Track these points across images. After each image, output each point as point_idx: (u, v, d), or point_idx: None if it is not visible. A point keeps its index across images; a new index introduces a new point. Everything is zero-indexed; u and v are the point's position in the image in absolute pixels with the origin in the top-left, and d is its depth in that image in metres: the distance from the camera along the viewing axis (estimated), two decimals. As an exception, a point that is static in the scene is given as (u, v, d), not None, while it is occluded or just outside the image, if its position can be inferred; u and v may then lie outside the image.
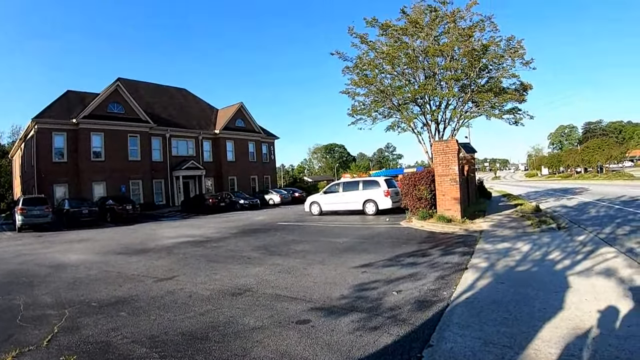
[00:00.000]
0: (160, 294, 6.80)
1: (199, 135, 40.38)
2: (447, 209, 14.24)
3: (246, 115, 44.95)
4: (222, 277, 7.93)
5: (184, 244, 13.29)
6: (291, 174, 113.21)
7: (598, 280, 5.97)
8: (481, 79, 18.43)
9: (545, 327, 4.33)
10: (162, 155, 37.21)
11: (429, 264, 8.03)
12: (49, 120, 29.96)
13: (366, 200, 19.86)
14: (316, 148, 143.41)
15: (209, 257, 10.33)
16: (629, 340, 3.82)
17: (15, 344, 4.62)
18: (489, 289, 5.99)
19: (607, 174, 56.34)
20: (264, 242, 12.59)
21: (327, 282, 6.98)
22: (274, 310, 5.56)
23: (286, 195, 37.73)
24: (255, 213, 27.29)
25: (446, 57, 17.38)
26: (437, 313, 5.06)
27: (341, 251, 10.18)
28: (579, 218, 13.35)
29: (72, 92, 33.92)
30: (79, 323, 5.38)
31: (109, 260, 10.60)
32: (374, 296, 5.97)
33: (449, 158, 14.28)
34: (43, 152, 29.76)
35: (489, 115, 19.01)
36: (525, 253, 8.45)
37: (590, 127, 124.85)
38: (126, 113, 33.81)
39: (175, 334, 4.85)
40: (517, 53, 17.17)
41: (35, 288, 7.61)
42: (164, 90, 43.86)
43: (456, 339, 4.20)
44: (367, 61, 18.52)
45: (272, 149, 49.86)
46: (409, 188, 16.13)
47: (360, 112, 19.94)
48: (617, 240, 8.96)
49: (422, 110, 18.84)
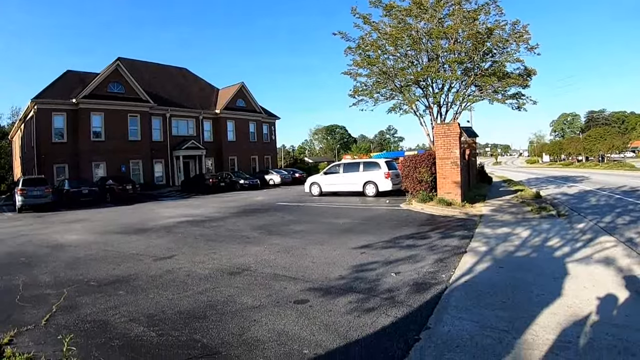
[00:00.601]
0: (159, 273, 6.81)
1: (199, 115, 40.15)
2: (448, 192, 14.21)
3: (247, 95, 44.64)
4: (221, 256, 7.93)
5: (183, 223, 13.29)
6: (292, 155, 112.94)
7: (597, 268, 5.96)
8: (485, 63, 18.24)
9: (543, 313, 4.32)
10: (162, 135, 37.04)
11: (428, 246, 8.03)
12: (48, 100, 29.74)
13: (366, 182, 19.82)
14: (317, 129, 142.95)
15: (208, 237, 10.34)
16: (626, 330, 3.81)
17: (14, 324, 4.62)
18: (488, 273, 5.98)
19: (608, 164, 56.18)
20: (264, 222, 12.60)
21: (326, 263, 6.98)
22: (272, 290, 5.57)
23: (286, 175, 37.66)
24: (255, 193, 27.28)
25: (450, 39, 17.16)
26: (435, 296, 5.06)
27: (340, 232, 10.18)
28: (579, 206, 13.32)
29: (72, 72, 33.63)
30: (78, 302, 5.39)
31: (108, 240, 10.61)
32: (373, 277, 5.97)
33: (450, 141, 14.19)
34: (43, 133, 29.65)
35: (491, 100, 18.84)
36: (525, 239, 8.44)
37: (593, 116, 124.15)
38: (126, 93, 33.53)
39: (173, 312, 4.85)
40: (522, 38, 16.94)
41: (34, 268, 7.61)
42: (165, 70, 43.44)
43: (454, 322, 4.20)
44: (370, 42, 18.28)
45: (273, 129, 49.63)
46: (409, 170, 16.08)
47: (362, 93, 19.76)
48: (617, 229, 8.92)
49: (424, 93, 18.68)
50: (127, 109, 33.45)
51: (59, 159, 30.20)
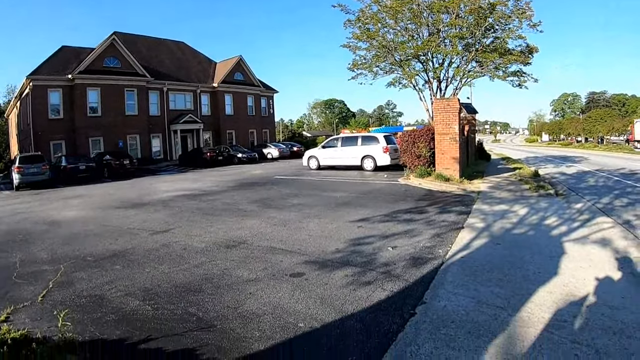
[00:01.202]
0: (155, 246, 6.81)
1: (197, 89, 39.67)
2: (446, 167, 14.16)
3: (245, 68, 44.08)
4: (217, 229, 7.93)
5: (181, 197, 13.26)
6: (290, 129, 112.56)
7: (594, 249, 5.94)
8: (486, 39, 17.95)
9: (539, 291, 4.32)
10: (159, 110, 36.62)
11: (425, 221, 8.02)
12: (44, 77, 29.22)
13: (364, 156, 19.74)
14: (316, 103, 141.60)
15: (205, 210, 10.33)
16: (622, 312, 3.79)
17: (10, 301, 4.61)
18: (485, 250, 5.98)
19: (607, 146, 55.96)
20: (261, 196, 12.58)
21: (323, 236, 6.98)
22: (268, 263, 5.57)
23: (284, 149, 37.47)
24: (253, 167, 27.19)
25: (451, 14, 16.84)
26: (432, 271, 5.06)
27: (338, 205, 10.18)
28: (577, 186, 13.28)
29: (67, 47, 32.91)
30: (74, 278, 5.39)
31: (105, 215, 10.58)
32: (369, 251, 5.97)
33: (449, 116, 14.07)
34: (39, 110, 29.21)
35: (492, 76, 18.61)
36: (522, 216, 8.42)
37: (594, 97, 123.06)
38: (123, 67, 32.98)
39: (169, 286, 4.85)
40: (525, 14, 16.64)
41: (31, 245, 7.58)
42: (162, 44, 42.70)
43: (450, 297, 4.20)
44: (369, 15, 17.96)
45: (271, 103, 49.20)
46: (408, 145, 16.00)
47: (361, 67, 19.50)
48: (614, 211, 8.87)
49: (424, 67, 18.44)
50: (123, 84, 32.97)
51: (56, 136, 29.87)
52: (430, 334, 3.46)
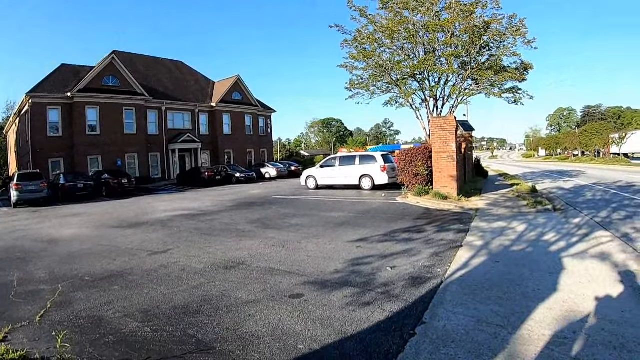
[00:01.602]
0: (154, 267, 6.79)
1: (195, 108, 39.90)
2: (444, 186, 14.20)
3: (243, 88, 44.40)
4: (216, 250, 7.91)
5: (179, 217, 13.25)
6: (288, 148, 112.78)
7: (593, 263, 5.95)
8: (482, 57, 18.22)
9: (539, 308, 4.32)
10: (158, 129, 36.77)
11: (424, 240, 8.02)
12: (43, 94, 29.37)
13: (362, 175, 19.78)
14: (313, 122, 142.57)
15: (204, 231, 10.31)
16: (622, 326, 3.80)
17: (8, 320, 4.59)
18: (484, 268, 5.98)
19: (604, 159, 56.30)
20: (259, 216, 12.56)
21: (321, 257, 6.97)
22: (267, 284, 5.55)
23: (282, 169, 37.49)
24: (251, 186, 27.19)
25: (447, 33, 17.12)
26: (431, 290, 5.05)
27: (336, 225, 10.17)
28: (575, 201, 13.33)
29: (67, 65, 33.18)
30: (72, 298, 5.36)
31: (103, 235, 10.57)
32: (368, 271, 5.96)
33: (446, 135, 14.17)
34: (38, 127, 29.29)
35: (488, 94, 18.85)
36: (521, 233, 8.44)
37: (589, 110, 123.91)
38: (122, 86, 33.22)
39: (168, 307, 4.83)
40: (519, 32, 16.94)
41: (29, 263, 7.57)
42: (160, 63, 43.10)
43: (450, 316, 4.20)
44: (366, 35, 18.23)
45: (269, 122, 49.42)
46: (405, 164, 16.05)
47: (358, 86, 19.74)
48: (613, 224, 8.92)
49: (420, 86, 18.68)
50: (122, 103, 33.16)
51: (55, 153, 29.91)
52: (430, 354, 3.45)
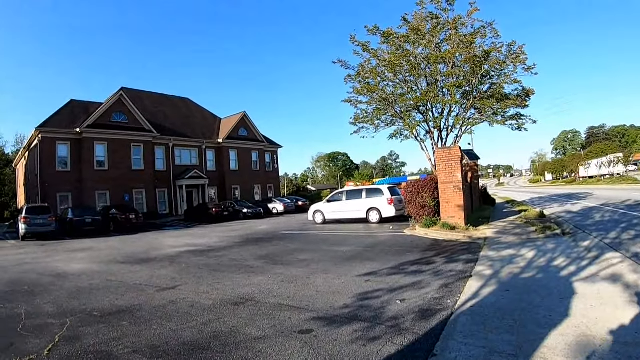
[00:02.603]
0: (163, 303, 6.76)
1: (202, 145, 40.48)
2: (451, 216, 14.18)
3: (249, 124, 45.05)
4: (225, 286, 7.88)
5: (187, 253, 13.26)
6: (294, 183, 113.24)
7: (604, 286, 5.90)
8: (483, 85, 18.41)
9: (551, 335, 4.27)
10: (165, 165, 37.29)
11: (433, 272, 7.97)
12: (52, 129, 30.06)
13: (370, 209, 19.80)
14: (319, 157, 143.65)
15: (212, 267, 10.29)
16: (636, 348, 3.75)
17: (15, 353, 4.59)
18: (494, 297, 5.92)
19: (611, 179, 56.08)
20: (267, 251, 12.55)
21: (330, 292, 6.92)
22: (276, 320, 5.51)
23: (289, 204, 37.64)
24: (258, 222, 27.23)
25: (448, 64, 17.37)
26: (441, 322, 5.00)
27: (344, 260, 10.12)
28: (584, 223, 13.25)
29: (76, 101, 34.05)
30: (80, 332, 5.34)
31: (111, 270, 10.57)
32: (378, 305, 5.91)
33: (452, 165, 14.24)
34: (47, 161, 29.85)
35: (491, 122, 18.97)
36: (530, 260, 8.37)
37: (593, 131, 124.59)
38: (130, 122, 33.94)
39: (177, 344, 4.80)
40: (519, 59, 17.17)
41: (37, 297, 7.58)
42: (167, 100, 44.05)
43: (460, 348, 4.15)
44: (369, 69, 18.53)
45: (275, 157, 49.90)
46: (412, 196, 16.08)
47: (363, 121, 19.92)
48: (623, 245, 8.87)
49: (424, 118, 18.82)
50: (130, 139, 33.81)
51: (63, 188, 30.33)
52: (442, 388, 3.41)
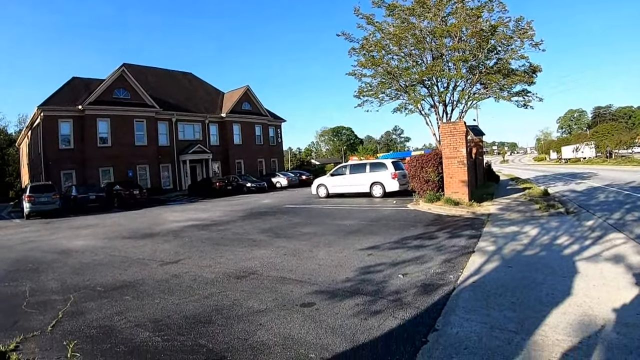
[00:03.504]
0: (165, 277, 6.81)
1: (205, 119, 40.28)
2: (455, 191, 14.11)
3: (252, 98, 44.73)
4: (228, 260, 7.92)
5: (190, 227, 13.31)
6: (298, 157, 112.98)
7: (607, 266, 5.86)
8: (489, 61, 18.09)
9: (553, 313, 4.25)
10: (168, 140, 37.21)
11: (436, 247, 7.96)
12: (54, 107, 29.98)
13: (373, 183, 19.76)
14: (323, 131, 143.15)
15: (215, 241, 10.33)
16: (638, 329, 3.73)
17: (20, 330, 4.63)
18: (496, 273, 5.91)
19: (616, 159, 55.70)
20: (270, 225, 12.57)
21: (333, 265, 6.94)
22: (278, 293, 5.53)
23: (293, 178, 37.56)
24: (262, 196, 27.26)
25: (454, 38, 17.04)
26: (443, 297, 5.00)
27: (347, 234, 10.13)
28: (588, 203, 13.16)
29: (78, 78, 33.86)
30: (84, 308, 5.39)
31: (115, 245, 10.64)
32: (380, 279, 5.91)
33: (456, 140, 14.10)
34: (49, 140, 29.87)
35: (497, 97, 18.70)
36: (533, 237, 8.34)
37: (599, 111, 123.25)
38: (132, 98, 33.76)
39: (179, 317, 4.83)
40: (526, 34, 16.82)
41: (41, 274, 7.65)
42: (170, 75, 43.70)
43: (462, 323, 4.14)
44: (373, 42, 18.21)
45: (279, 132, 49.71)
46: (416, 170, 15.99)
47: (367, 94, 19.67)
48: (626, 226, 8.79)
49: (429, 92, 18.58)
50: (133, 115, 33.69)
51: (66, 165, 30.45)
52: (443, 362, 3.41)
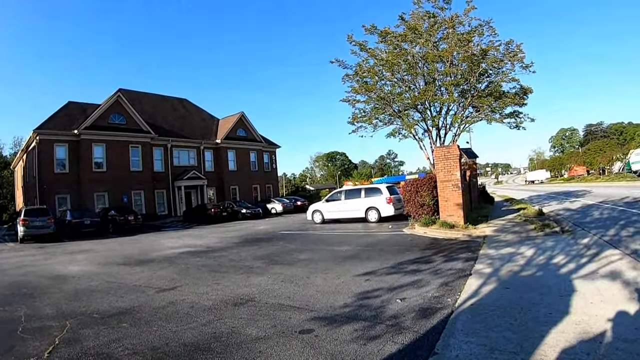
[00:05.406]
0: (162, 304, 6.75)
1: (200, 145, 40.40)
2: (450, 214, 14.17)
3: (247, 124, 44.99)
4: (225, 287, 7.87)
5: (186, 254, 13.24)
6: (293, 183, 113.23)
7: (603, 283, 5.91)
8: (481, 84, 18.42)
9: (551, 332, 4.27)
10: (163, 166, 37.20)
11: (433, 270, 7.96)
12: (50, 131, 29.98)
13: (368, 208, 19.80)
14: (318, 156, 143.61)
15: (211, 267, 10.28)
16: (637, 343, 3.76)
17: (16, 356, 4.59)
18: (494, 295, 5.92)
19: (609, 176, 56.18)
20: (267, 252, 12.53)
21: (330, 291, 6.92)
22: (276, 320, 5.51)
23: (288, 204, 37.65)
24: (257, 222, 27.20)
25: (446, 62, 17.37)
26: (442, 320, 5.00)
27: (344, 259, 10.11)
28: (583, 220, 13.26)
29: (74, 103, 34.01)
30: (80, 334, 5.33)
31: (110, 271, 10.55)
32: (378, 304, 5.91)
33: (450, 164, 14.23)
34: (45, 163, 29.76)
35: (489, 120, 18.99)
36: (530, 257, 8.38)
37: (591, 129, 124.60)
38: (127, 124, 33.83)
39: (177, 345, 4.79)
40: (517, 57, 17.18)
41: (36, 299, 7.58)
42: (165, 101, 43.96)
43: (461, 346, 4.15)
44: (367, 68, 18.52)
45: (273, 158, 49.85)
46: (411, 195, 16.06)
47: (361, 120, 19.91)
48: (622, 242, 8.89)
49: (422, 117, 18.82)
50: (128, 140, 33.72)
51: (61, 190, 30.26)
52: (443, 387, 3.40)
